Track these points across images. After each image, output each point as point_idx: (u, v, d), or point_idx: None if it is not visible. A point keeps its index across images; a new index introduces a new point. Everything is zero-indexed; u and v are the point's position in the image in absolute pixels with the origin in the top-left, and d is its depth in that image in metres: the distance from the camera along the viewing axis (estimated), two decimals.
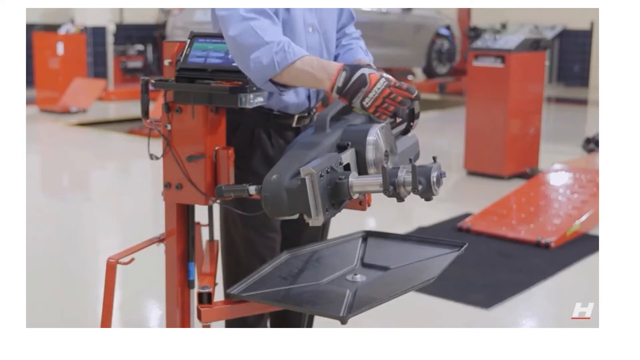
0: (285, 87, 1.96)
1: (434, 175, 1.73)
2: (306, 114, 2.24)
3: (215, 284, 2.19)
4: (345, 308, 1.76)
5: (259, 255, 2.25)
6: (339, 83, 1.85)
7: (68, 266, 4.27)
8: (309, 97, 2.22)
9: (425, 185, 1.72)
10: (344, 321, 1.70)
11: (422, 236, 2.28)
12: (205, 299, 1.99)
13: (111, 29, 11.33)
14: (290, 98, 2.17)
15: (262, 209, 1.80)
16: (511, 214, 5.00)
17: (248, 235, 2.26)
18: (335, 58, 2.30)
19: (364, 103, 1.83)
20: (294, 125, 2.22)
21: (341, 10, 2.32)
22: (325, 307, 1.83)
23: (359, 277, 1.96)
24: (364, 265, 2.07)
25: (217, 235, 2.60)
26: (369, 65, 2.17)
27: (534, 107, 6.45)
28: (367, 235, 2.21)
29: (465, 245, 2.04)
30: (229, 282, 2.32)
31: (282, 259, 2.10)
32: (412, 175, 1.70)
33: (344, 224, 2.51)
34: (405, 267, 2.01)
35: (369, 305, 1.76)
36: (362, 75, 1.84)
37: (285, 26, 2.08)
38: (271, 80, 1.92)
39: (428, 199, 1.75)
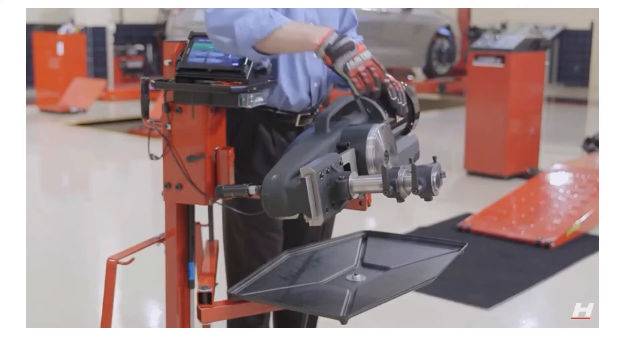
0: (267, 55, 1.97)
1: (433, 176, 1.72)
2: (309, 114, 2.24)
3: (215, 284, 2.20)
4: (345, 308, 1.76)
5: (260, 255, 2.25)
6: (330, 41, 1.88)
7: (68, 266, 4.28)
8: (309, 94, 2.22)
9: (425, 186, 1.72)
10: (344, 321, 1.70)
11: (422, 236, 2.28)
12: (205, 299, 1.99)
13: (111, 29, 11.32)
14: (291, 93, 2.17)
15: (262, 209, 1.80)
16: (511, 214, 5.00)
17: (249, 235, 2.27)
18: None
19: (348, 65, 1.87)
20: (296, 124, 2.22)
21: (344, 13, 2.32)
22: (325, 307, 1.83)
23: (359, 277, 1.96)
24: (364, 265, 2.07)
25: (217, 235, 2.60)
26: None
27: (534, 107, 6.46)
28: (367, 235, 2.21)
29: (465, 245, 2.04)
30: (230, 282, 2.32)
31: (282, 259, 2.10)
32: (412, 176, 1.70)
33: (344, 224, 2.51)
34: (405, 267, 2.01)
35: (369, 305, 1.76)
36: (351, 41, 1.89)
37: None
38: (255, 48, 1.93)
39: (428, 199, 1.75)
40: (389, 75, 2.12)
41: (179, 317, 2.15)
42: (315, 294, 1.91)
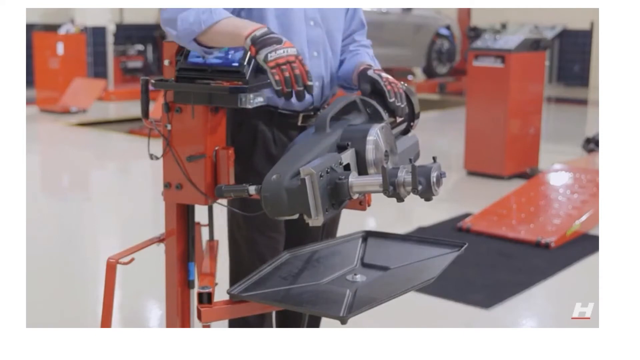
0: (210, 48, 1.98)
1: (433, 176, 1.72)
2: (311, 113, 2.23)
3: (215, 284, 2.20)
4: (345, 308, 1.76)
5: (260, 255, 2.25)
6: (258, 33, 1.87)
7: (68, 266, 4.27)
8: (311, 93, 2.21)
9: (425, 186, 1.71)
10: (344, 321, 1.70)
11: (422, 236, 2.28)
12: (205, 299, 1.99)
13: (111, 29, 11.32)
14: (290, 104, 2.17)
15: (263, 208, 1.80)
16: (511, 214, 5.00)
17: (250, 235, 2.27)
18: (341, 63, 2.30)
19: (269, 55, 1.84)
20: (299, 124, 2.21)
21: (352, 16, 2.31)
22: (325, 307, 1.83)
23: (359, 277, 1.96)
24: (364, 265, 2.07)
25: (217, 235, 2.60)
26: (371, 66, 2.17)
27: (534, 107, 6.46)
28: (367, 235, 2.21)
29: (465, 245, 2.04)
30: (232, 282, 2.32)
31: (282, 259, 2.09)
32: (412, 176, 1.69)
33: (344, 223, 2.51)
34: (405, 267, 2.01)
35: (369, 305, 1.76)
36: (279, 38, 1.87)
37: (282, 18, 2.10)
38: (196, 41, 1.96)
39: (428, 199, 1.75)
40: (389, 76, 2.11)
41: (179, 317, 2.15)
42: (315, 294, 1.91)
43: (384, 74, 2.11)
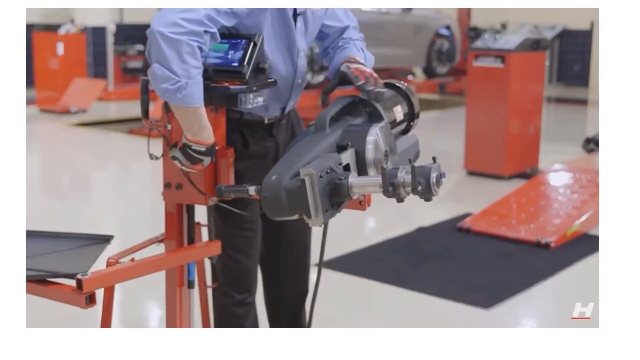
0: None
1: (433, 176, 1.72)
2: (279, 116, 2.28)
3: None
4: None
5: (238, 248, 2.29)
6: (199, 147, 1.96)
7: None
8: (283, 109, 2.26)
9: (424, 186, 1.71)
10: None
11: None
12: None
13: (111, 29, 11.32)
14: (261, 111, 2.21)
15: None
16: (511, 214, 5.00)
17: (224, 229, 2.30)
18: (331, 60, 2.30)
19: (183, 168, 2.01)
20: (265, 122, 2.24)
21: (331, 17, 2.31)
22: None
23: None
24: None
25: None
26: (350, 60, 2.17)
27: (534, 107, 6.46)
28: None
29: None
30: (218, 281, 2.35)
31: None
32: (411, 176, 1.69)
33: (344, 224, 2.52)
34: None
35: None
36: (200, 161, 1.98)
37: (275, 53, 2.13)
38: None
39: (427, 199, 1.75)
40: (360, 66, 2.12)
41: (179, 317, 2.15)
42: None
43: (353, 65, 2.11)
